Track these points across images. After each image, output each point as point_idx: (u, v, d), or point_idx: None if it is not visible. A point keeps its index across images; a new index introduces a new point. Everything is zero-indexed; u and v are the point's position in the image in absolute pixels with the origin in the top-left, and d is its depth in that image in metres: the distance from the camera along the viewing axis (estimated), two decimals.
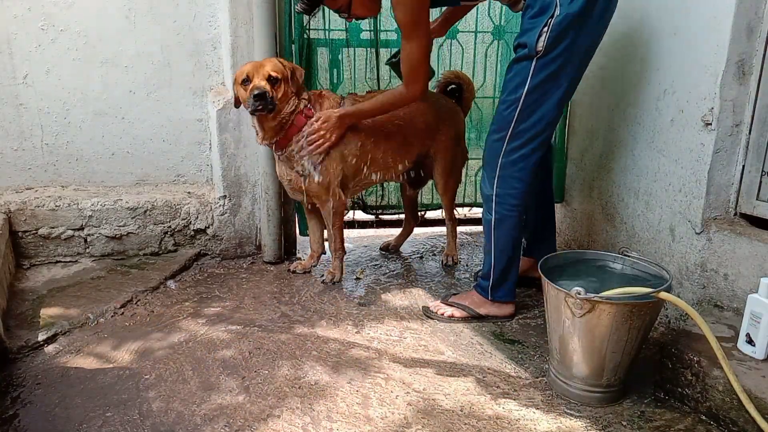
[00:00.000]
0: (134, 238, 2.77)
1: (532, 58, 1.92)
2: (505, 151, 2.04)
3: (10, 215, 2.59)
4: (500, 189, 2.08)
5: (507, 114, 2.01)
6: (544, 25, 1.87)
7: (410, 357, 2.05)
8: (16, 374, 1.90)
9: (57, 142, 2.80)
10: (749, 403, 1.53)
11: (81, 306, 2.30)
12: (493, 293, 2.24)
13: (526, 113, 1.98)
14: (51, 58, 2.69)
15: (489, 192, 2.12)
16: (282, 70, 2.32)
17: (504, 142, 2.04)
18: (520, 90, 1.96)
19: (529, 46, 1.91)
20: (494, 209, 2.11)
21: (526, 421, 1.71)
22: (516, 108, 1.98)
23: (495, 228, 2.14)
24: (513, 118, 2.00)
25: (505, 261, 2.18)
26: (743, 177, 1.98)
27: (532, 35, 1.90)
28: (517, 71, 1.98)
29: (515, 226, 2.13)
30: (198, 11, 2.76)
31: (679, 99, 2.10)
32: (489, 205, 2.13)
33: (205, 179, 2.99)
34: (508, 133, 2.02)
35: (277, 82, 2.29)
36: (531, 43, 1.90)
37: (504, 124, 2.03)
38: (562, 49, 1.90)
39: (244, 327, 2.23)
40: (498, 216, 2.11)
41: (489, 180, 2.11)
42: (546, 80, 1.94)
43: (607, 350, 1.71)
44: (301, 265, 2.77)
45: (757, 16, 1.86)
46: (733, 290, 1.93)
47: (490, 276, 2.22)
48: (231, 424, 1.68)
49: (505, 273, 2.20)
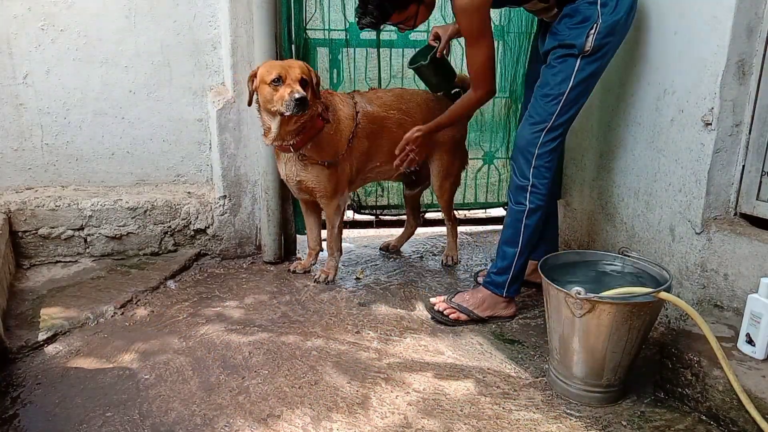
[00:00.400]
0: (134, 238, 2.77)
1: (577, 56, 2.02)
2: (542, 142, 2.11)
3: (10, 215, 2.59)
4: (536, 179, 2.14)
5: (550, 107, 2.09)
6: (591, 29, 1.99)
7: (410, 357, 2.05)
8: (16, 374, 1.90)
9: (57, 142, 2.80)
10: (749, 403, 1.53)
11: (81, 306, 2.30)
12: (509, 288, 2.25)
13: (567, 107, 2.08)
14: (51, 58, 2.69)
15: (524, 182, 2.15)
16: (308, 74, 2.32)
17: (542, 133, 2.11)
18: (564, 85, 2.06)
19: (578, 46, 2.01)
20: (528, 198, 2.15)
21: (526, 421, 1.71)
22: (559, 102, 2.07)
23: (527, 217, 2.16)
24: (555, 111, 2.08)
25: (527, 253, 2.21)
26: (743, 177, 1.98)
27: (579, 36, 2.00)
28: (561, 68, 2.06)
29: (541, 217, 2.19)
30: (198, 11, 2.76)
31: (679, 99, 2.10)
32: (522, 194, 2.16)
33: (205, 179, 2.99)
34: (548, 124, 2.10)
35: (306, 85, 2.27)
36: (580, 43, 2.01)
37: (546, 116, 2.10)
38: (606, 50, 2.04)
39: (244, 327, 2.23)
40: (532, 205, 2.16)
41: (524, 169, 2.15)
42: (588, 77, 2.06)
43: (607, 350, 1.71)
44: (301, 264, 2.77)
45: (757, 16, 1.86)
46: (733, 290, 1.93)
47: (509, 270, 2.22)
48: (231, 424, 1.68)
49: (523, 267, 2.24)
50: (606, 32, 2.00)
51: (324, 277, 2.63)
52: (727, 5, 1.86)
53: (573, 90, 2.05)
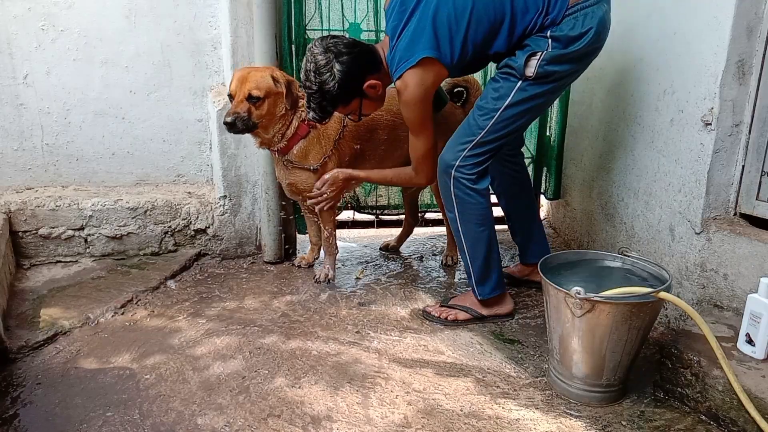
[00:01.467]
0: (134, 238, 2.77)
1: (519, 79, 1.96)
2: (464, 156, 2.06)
3: (11, 215, 2.59)
4: (458, 190, 2.10)
5: (480, 121, 2.03)
6: (532, 56, 1.92)
7: (410, 357, 2.05)
8: (16, 374, 1.90)
9: (57, 142, 2.80)
10: (749, 403, 1.53)
11: (81, 306, 2.30)
12: (480, 292, 2.23)
13: (499, 126, 2.02)
14: (51, 58, 2.69)
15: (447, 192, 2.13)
16: (268, 87, 2.25)
17: (467, 147, 2.05)
18: (500, 102, 1.99)
19: (517, 69, 1.95)
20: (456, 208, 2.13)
21: (526, 421, 1.72)
22: (491, 118, 2.01)
23: (460, 225, 2.15)
24: (485, 126, 2.02)
25: (481, 258, 2.17)
26: (743, 177, 1.98)
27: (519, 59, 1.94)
28: (502, 84, 2.00)
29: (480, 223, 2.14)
30: (198, 11, 2.76)
31: (679, 99, 2.10)
32: (450, 204, 2.15)
33: (206, 179, 3.00)
34: (475, 140, 2.04)
35: (258, 100, 2.24)
36: (518, 66, 1.94)
37: (474, 130, 2.04)
38: (555, 78, 1.96)
39: (245, 327, 2.23)
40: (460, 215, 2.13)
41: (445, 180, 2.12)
42: (529, 99, 1.98)
43: (606, 350, 1.71)
44: (305, 259, 2.81)
45: (757, 16, 1.86)
46: (733, 290, 1.93)
47: (471, 277, 2.22)
48: (231, 424, 1.68)
49: (485, 269, 2.19)
50: (552, 60, 1.92)
51: (324, 276, 2.63)
52: (727, 5, 1.86)
53: (509, 109, 1.98)
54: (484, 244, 2.16)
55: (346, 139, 2.46)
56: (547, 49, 1.92)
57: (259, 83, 2.25)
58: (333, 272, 2.65)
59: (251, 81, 2.24)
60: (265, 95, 2.26)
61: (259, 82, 2.25)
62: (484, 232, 2.16)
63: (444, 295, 2.52)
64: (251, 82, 2.24)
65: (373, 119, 2.46)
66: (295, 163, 2.42)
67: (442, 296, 2.51)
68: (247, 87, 2.24)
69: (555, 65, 1.93)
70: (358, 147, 2.49)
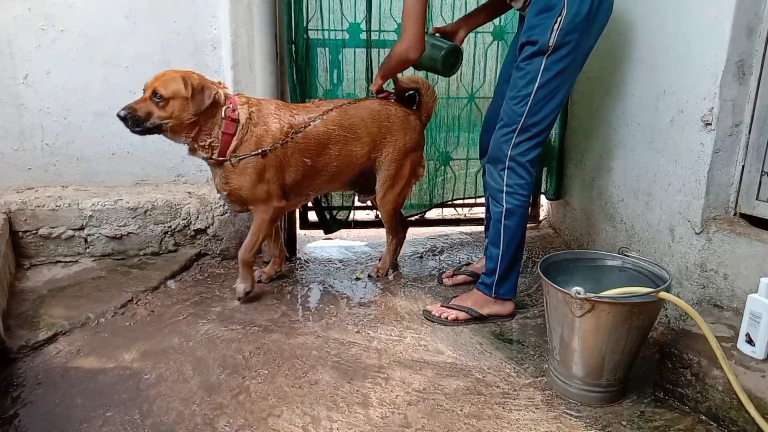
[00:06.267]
0: (134, 238, 2.77)
1: (543, 54, 2.01)
2: (514, 144, 2.12)
3: (11, 215, 2.59)
4: (510, 180, 2.14)
5: (518, 108, 2.09)
6: (554, 23, 1.97)
7: (410, 357, 2.05)
8: (16, 374, 1.90)
9: (57, 142, 2.80)
10: (749, 403, 1.53)
11: (81, 306, 2.30)
12: (497, 289, 2.25)
13: (536, 108, 2.07)
14: (51, 58, 2.69)
15: (498, 185, 2.16)
16: (177, 89, 2.12)
17: (513, 135, 2.11)
18: (531, 86, 2.05)
19: (540, 42, 2.00)
20: (505, 199, 2.16)
21: (526, 421, 1.72)
22: (527, 103, 2.07)
23: (506, 218, 2.17)
24: (524, 112, 2.08)
25: (511, 255, 2.21)
26: (743, 177, 1.98)
27: (543, 32, 1.99)
28: (527, 69, 2.06)
29: (523, 217, 2.19)
30: (198, 11, 2.76)
31: (678, 99, 2.10)
32: (499, 197, 2.17)
33: (206, 179, 2.99)
34: (518, 126, 2.10)
35: (162, 100, 2.11)
36: (543, 39, 1.99)
37: (515, 117, 2.10)
38: (571, 48, 2.01)
39: (245, 327, 2.23)
40: (510, 206, 2.16)
41: (498, 173, 2.17)
42: (555, 77, 2.04)
43: (606, 350, 1.71)
44: (266, 273, 2.64)
45: (757, 16, 1.86)
46: (733, 290, 1.93)
47: (495, 271, 2.22)
48: (231, 424, 1.68)
49: (510, 268, 2.23)
50: (569, 28, 1.97)
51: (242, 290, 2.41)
52: (727, 5, 1.86)
53: (540, 90, 2.04)
54: (517, 241, 2.21)
55: (293, 151, 2.33)
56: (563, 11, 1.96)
57: (168, 84, 2.12)
58: (250, 286, 2.43)
59: (158, 80, 2.13)
60: (170, 96, 2.12)
61: (167, 83, 2.12)
62: (522, 229, 2.21)
63: (444, 296, 2.52)
64: (158, 81, 2.13)
65: (325, 133, 2.38)
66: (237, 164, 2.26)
67: (442, 296, 2.51)
68: (152, 85, 2.13)
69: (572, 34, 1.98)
70: (309, 161, 2.37)
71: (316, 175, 2.44)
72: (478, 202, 3.27)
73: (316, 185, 2.51)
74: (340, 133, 2.42)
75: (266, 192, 2.34)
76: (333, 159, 2.43)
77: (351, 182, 2.61)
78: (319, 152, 2.39)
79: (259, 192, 2.32)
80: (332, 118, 2.40)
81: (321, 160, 2.41)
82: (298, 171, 2.39)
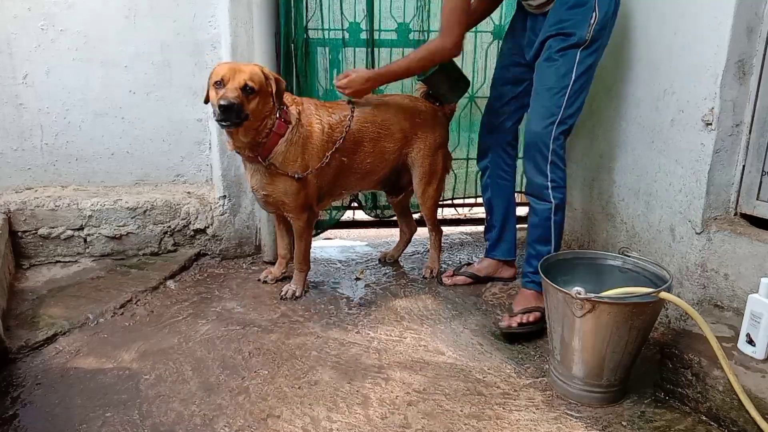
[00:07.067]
0: (134, 238, 2.76)
1: (579, 47, 2.05)
2: (555, 136, 2.11)
3: (10, 215, 2.59)
4: (554, 174, 2.14)
5: (557, 99, 2.09)
6: (591, 17, 2.02)
7: (410, 357, 2.05)
8: (16, 374, 1.90)
9: (57, 142, 2.80)
10: (749, 403, 1.53)
11: (81, 306, 2.30)
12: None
13: (572, 100, 2.09)
14: (51, 58, 2.69)
15: (542, 180, 2.15)
16: (261, 81, 2.10)
17: (554, 127, 2.11)
18: (567, 77, 2.07)
19: (578, 35, 2.03)
20: (552, 194, 2.15)
21: (526, 421, 1.71)
22: (565, 94, 2.08)
23: (555, 214, 2.16)
24: (562, 103, 2.09)
25: (558, 249, 2.20)
26: (743, 177, 1.98)
27: (579, 25, 2.03)
28: (562, 61, 2.08)
29: (565, 211, 2.20)
30: (198, 11, 2.76)
31: (679, 99, 2.10)
32: (544, 192, 2.15)
33: (205, 179, 2.99)
34: (557, 118, 2.10)
35: (252, 93, 2.07)
36: (581, 33, 2.03)
37: (555, 109, 2.10)
38: (600, 43, 2.08)
39: (244, 327, 2.23)
40: (557, 201, 2.16)
41: (541, 166, 2.14)
42: (586, 71, 2.08)
43: (607, 350, 1.71)
44: (272, 274, 2.65)
45: (757, 16, 1.86)
46: (733, 290, 1.93)
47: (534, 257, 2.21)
48: (231, 424, 1.68)
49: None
50: (603, 23, 2.04)
51: (291, 293, 2.47)
52: (727, 5, 1.86)
53: (576, 82, 2.07)
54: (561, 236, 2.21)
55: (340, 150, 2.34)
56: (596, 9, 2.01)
57: (256, 76, 2.09)
58: (301, 290, 2.49)
59: (247, 71, 2.08)
60: (258, 90, 2.09)
61: (255, 74, 2.09)
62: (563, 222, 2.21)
63: (444, 295, 2.52)
64: (247, 72, 2.08)
65: (359, 131, 2.39)
66: (278, 168, 2.24)
67: (442, 296, 2.51)
68: (244, 76, 2.06)
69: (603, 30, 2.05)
70: (345, 159, 2.38)
71: (350, 173, 2.46)
72: (478, 202, 3.27)
73: (350, 183, 2.52)
74: (374, 130, 2.44)
75: (305, 196, 2.33)
76: (367, 156, 2.45)
77: (382, 181, 2.62)
78: (354, 149, 2.41)
79: (300, 198, 2.32)
80: (365, 115, 2.42)
81: (356, 158, 2.43)
82: (335, 170, 2.40)
